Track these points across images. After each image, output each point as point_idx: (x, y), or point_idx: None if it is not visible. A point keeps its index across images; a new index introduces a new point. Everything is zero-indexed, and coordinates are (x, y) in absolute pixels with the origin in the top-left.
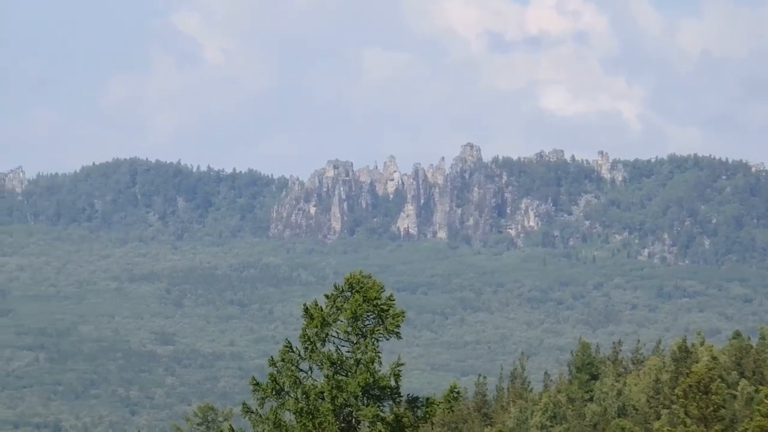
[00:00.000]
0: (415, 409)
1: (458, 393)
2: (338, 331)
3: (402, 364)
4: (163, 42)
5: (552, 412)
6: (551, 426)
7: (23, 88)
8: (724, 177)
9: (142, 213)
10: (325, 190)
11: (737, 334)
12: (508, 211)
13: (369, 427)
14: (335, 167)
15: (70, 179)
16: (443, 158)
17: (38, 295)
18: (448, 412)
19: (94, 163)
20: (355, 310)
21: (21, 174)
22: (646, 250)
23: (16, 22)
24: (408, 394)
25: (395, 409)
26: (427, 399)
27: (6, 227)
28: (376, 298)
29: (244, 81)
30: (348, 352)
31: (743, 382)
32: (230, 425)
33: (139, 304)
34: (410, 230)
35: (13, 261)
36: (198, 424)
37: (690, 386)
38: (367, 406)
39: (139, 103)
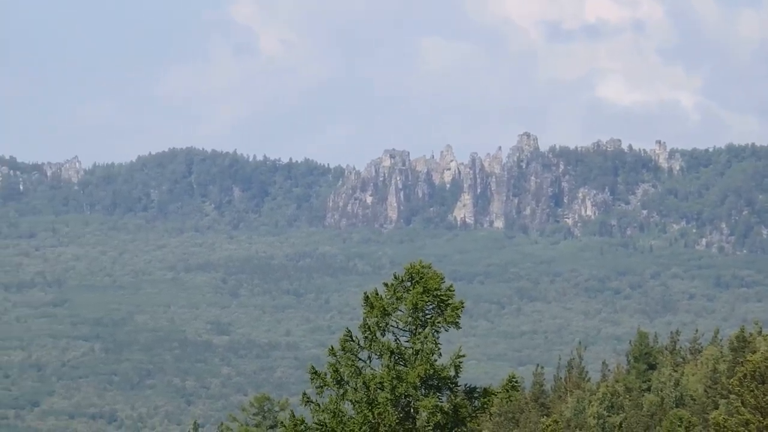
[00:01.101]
0: (473, 399)
1: (516, 383)
2: (398, 321)
3: (463, 355)
4: (219, 32)
5: (609, 402)
6: (608, 416)
7: (80, 78)
8: None
9: (198, 203)
10: (381, 179)
11: None
12: (565, 201)
13: (428, 417)
14: (392, 157)
15: (127, 169)
16: (500, 148)
17: (94, 285)
18: (506, 403)
19: (150, 153)
20: (415, 301)
21: (77, 164)
22: (703, 239)
23: (72, 11)
24: (466, 385)
25: (453, 399)
26: (485, 389)
27: (62, 217)
28: (436, 289)
29: (301, 70)
30: (407, 342)
31: None
32: (291, 411)
33: (195, 294)
34: (467, 220)
35: (69, 251)
36: (254, 415)
37: (746, 375)
38: (426, 396)
39: (196, 93)
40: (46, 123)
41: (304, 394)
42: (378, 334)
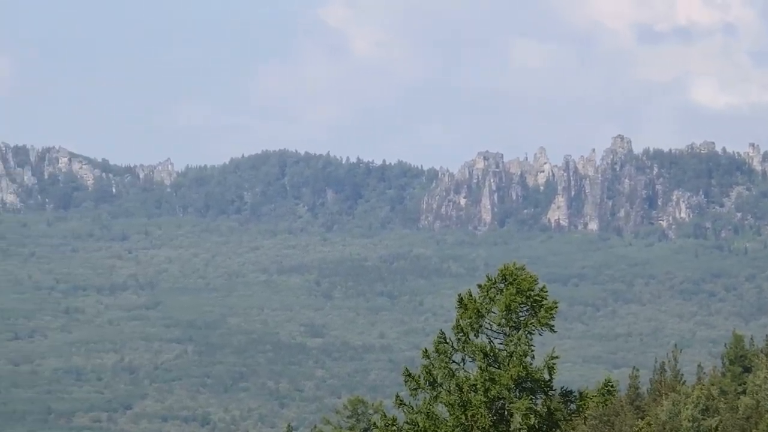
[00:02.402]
0: (568, 402)
1: (612, 387)
2: (491, 322)
3: (556, 357)
4: (312, 34)
5: (704, 405)
6: (703, 419)
7: (173, 80)
8: None
9: (291, 205)
10: (475, 181)
11: None
12: (659, 203)
13: (522, 419)
14: (485, 159)
15: (219, 171)
16: (594, 150)
17: (187, 287)
18: (602, 406)
19: (243, 155)
20: (509, 302)
21: (170, 166)
22: None
23: (167, 13)
24: (561, 387)
25: (548, 402)
26: (581, 392)
27: (155, 220)
28: (529, 290)
29: (393, 72)
30: (501, 344)
31: None
32: (383, 412)
33: (289, 296)
34: (561, 222)
35: (162, 253)
36: (348, 417)
37: None
38: (519, 398)
39: (289, 95)
40: (139, 125)
41: (398, 396)
42: (471, 335)
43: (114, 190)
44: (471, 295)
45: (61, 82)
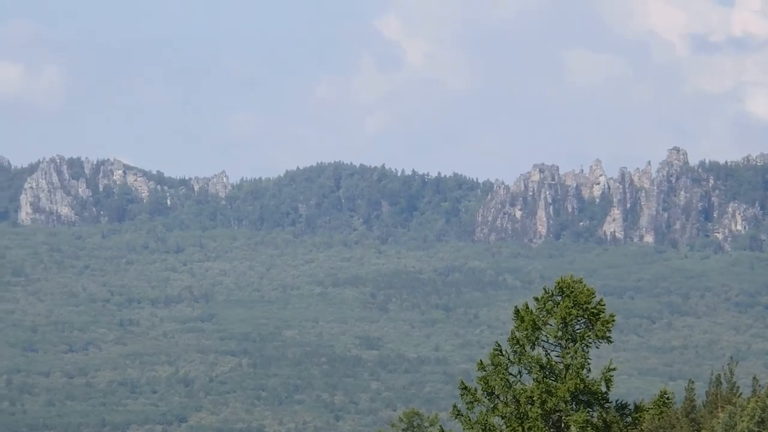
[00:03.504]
0: (625, 415)
1: (668, 399)
2: (548, 335)
3: (613, 369)
4: (366, 46)
5: (760, 417)
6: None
7: (228, 91)
8: None
9: (346, 217)
10: (530, 194)
11: None
12: (715, 215)
13: None
14: (541, 171)
15: (274, 183)
16: (649, 162)
17: (242, 299)
18: (657, 418)
19: (298, 168)
20: (565, 315)
21: (224, 178)
22: None
23: (222, 24)
24: (617, 400)
25: (604, 414)
26: (636, 405)
27: (209, 232)
28: (586, 303)
29: (448, 84)
30: (557, 356)
31: None
32: (440, 426)
33: (344, 308)
34: (616, 234)
35: (217, 266)
36: (403, 430)
37: None
38: (576, 411)
39: (344, 107)
40: (193, 137)
41: (455, 406)
42: (528, 348)
43: (169, 202)
44: (527, 308)
45: (115, 94)
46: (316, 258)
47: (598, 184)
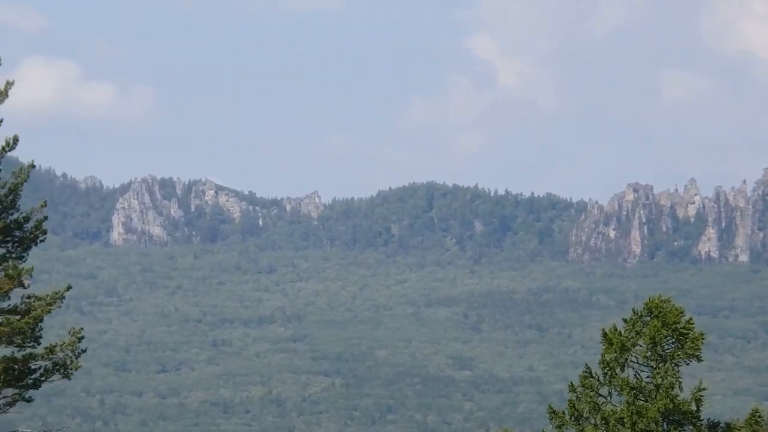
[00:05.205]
0: None
1: (760, 417)
2: (637, 356)
3: (704, 389)
4: (459, 65)
5: None
6: None
7: (319, 111)
8: None
9: (439, 237)
10: (624, 213)
11: None
12: None
13: None
14: (635, 191)
15: (367, 204)
16: (744, 181)
17: (334, 320)
18: None
19: (390, 188)
20: (654, 335)
21: (317, 199)
22: None
23: (314, 45)
24: (708, 419)
25: None
26: (728, 424)
27: (302, 252)
28: (675, 323)
29: (542, 103)
30: (647, 377)
31: None
32: None
33: (437, 328)
34: (711, 254)
35: (309, 286)
36: None
37: None
38: (667, 431)
39: (436, 126)
40: (286, 157)
41: (543, 431)
42: (617, 369)
43: (261, 222)
44: (615, 329)
45: (206, 114)
46: (408, 278)
47: (693, 203)
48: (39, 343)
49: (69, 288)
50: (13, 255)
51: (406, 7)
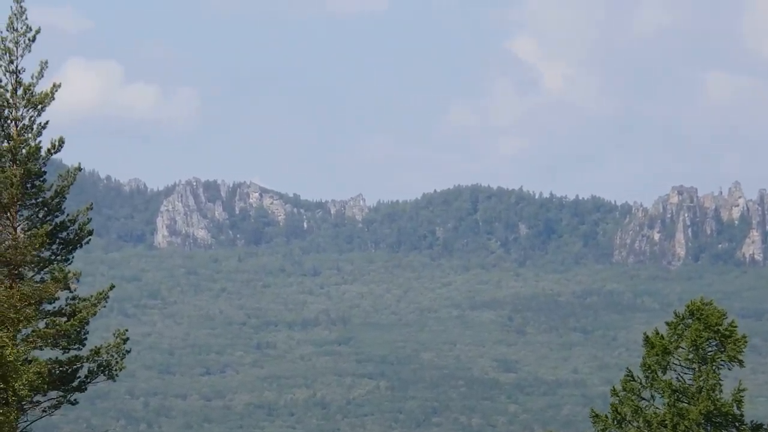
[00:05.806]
0: None
1: None
2: (679, 358)
3: (744, 390)
4: (501, 67)
5: None
6: None
7: (364, 112)
8: None
9: (483, 240)
10: (669, 216)
11: None
12: None
13: None
14: (679, 193)
15: (411, 206)
16: None
17: (379, 322)
18: None
19: (435, 191)
20: (696, 338)
21: (361, 202)
22: None
23: (358, 49)
24: (751, 421)
25: None
26: None
27: (347, 255)
28: (717, 325)
29: (585, 106)
30: (690, 379)
31: None
32: None
33: (481, 331)
34: (755, 256)
35: (354, 289)
36: None
37: None
38: None
39: (480, 129)
40: (330, 159)
41: None
42: (659, 372)
43: (305, 225)
44: (657, 333)
45: (251, 116)
46: (453, 281)
47: (737, 206)
48: (84, 345)
49: (112, 287)
50: (59, 257)
51: (448, 8)
